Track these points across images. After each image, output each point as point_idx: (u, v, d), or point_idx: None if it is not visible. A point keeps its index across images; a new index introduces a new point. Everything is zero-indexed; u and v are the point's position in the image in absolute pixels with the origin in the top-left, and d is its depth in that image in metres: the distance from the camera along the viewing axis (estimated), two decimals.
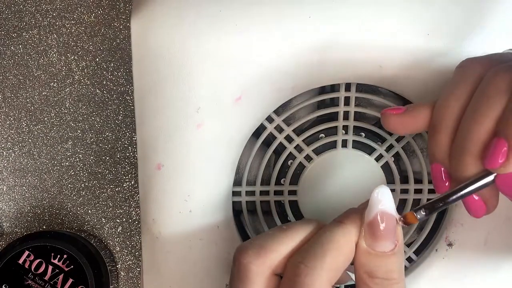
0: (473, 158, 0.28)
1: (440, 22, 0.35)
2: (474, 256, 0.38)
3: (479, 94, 0.29)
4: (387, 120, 0.32)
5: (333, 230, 0.30)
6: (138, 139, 0.37)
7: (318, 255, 0.28)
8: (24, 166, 0.52)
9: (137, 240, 0.52)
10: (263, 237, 0.30)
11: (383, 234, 0.29)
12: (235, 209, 0.40)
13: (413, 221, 0.29)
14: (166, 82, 0.35)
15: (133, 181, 0.52)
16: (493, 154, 0.27)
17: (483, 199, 0.30)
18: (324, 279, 0.28)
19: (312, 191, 0.39)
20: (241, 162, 0.40)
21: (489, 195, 0.30)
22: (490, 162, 0.27)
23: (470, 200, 0.30)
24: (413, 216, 0.29)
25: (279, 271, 0.30)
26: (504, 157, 0.27)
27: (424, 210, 0.29)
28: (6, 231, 0.52)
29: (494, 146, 0.27)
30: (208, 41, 0.35)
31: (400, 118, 0.32)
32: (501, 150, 0.27)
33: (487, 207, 0.30)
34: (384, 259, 0.29)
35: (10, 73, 0.52)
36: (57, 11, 0.52)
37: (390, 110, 0.32)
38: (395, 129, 0.33)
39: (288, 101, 0.38)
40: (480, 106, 0.28)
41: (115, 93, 0.52)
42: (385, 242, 0.29)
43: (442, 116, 0.30)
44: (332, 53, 0.35)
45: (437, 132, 0.30)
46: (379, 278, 0.29)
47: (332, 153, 0.39)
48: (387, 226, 0.29)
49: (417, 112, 0.32)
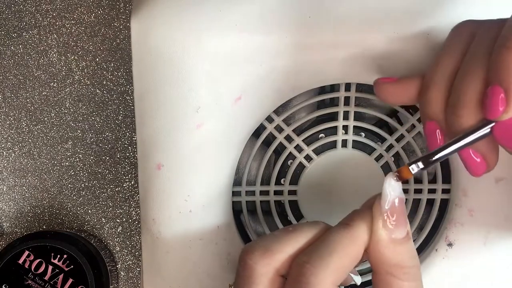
0: (469, 110, 0.28)
1: (440, 22, 0.35)
2: (474, 256, 0.38)
3: (472, 49, 0.29)
4: (380, 88, 0.33)
5: (339, 232, 0.29)
6: (138, 139, 0.37)
7: (325, 255, 0.28)
8: (24, 166, 0.52)
9: (137, 240, 0.52)
10: (269, 238, 0.30)
11: (402, 219, 0.29)
12: (235, 209, 0.40)
13: (408, 175, 0.29)
14: (166, 82, 0.35)
15: (133, 181, 0.52)
16: (492, 103, 0.26)
17: (482, 154, 0.29)
18: (329, 280, 0.28)
19: (312, 191, 0.39)
20: (241, 162, 0.40)
21: (488, 149, 0.29)
22: (491, 112, 0.27)
23: (469, 157, 0.29)
24: (408, 170, 0.29)
25: (284, 272, 0.30)
26: (504, 104, 0.26)
27: (418, 163, 0.29)
28: (6, 231, 0.52)
29: (491, 94, 0.26)
30: (208, 41, 0.35)
31: (393, 86, 0.32)
32: (498, 97, 0.26)
33: (487, 163, 0.29)
34: (405, 246, 0.29)
35: (10, 73, 0.52)
36: (57, 11, 0.52)
37: (383, 79, 0.33)
38: (387, 98, 0.33)
39: (288, 101, 0.38)
40: (474, 59, 0.28)
41: (115, 93, 0.52)
42: (403, 227, 0.29)
43: (435, 73, 0.30)
44: (332, 53, 0.35)
45: (430, 89, 0.30)
46: (407, 267, 0.29)
47: (332, 153, 0.39)
48: (402, 211, 0.29)
49: (410, 81, 0.32)
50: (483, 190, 0.37)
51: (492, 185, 0.37)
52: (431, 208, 0.40)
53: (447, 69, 0.30)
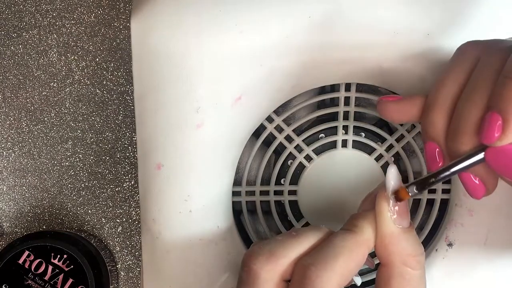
0: (469, 137, 0.28)
1: (440, 22, 0.35)
2: (474, 256, 0.38)
3: (476, 75, 0.29)
4: (384, 107, 0.33)
5: (344, 236, 0.30)
6: (138, 139, 0.37)
7: (330, 258, 0.28)
8: (24, 166, 0.52)
9: (137, 240, 0.52)
10: (273, 243, 0.30)
11: (405, 209, 0.30)
12: (235, 209, 0.40)
13: (405, 196, 0.30)
14: (166, 82, 0.35)
15: (133, 181, 0.52)
16: (489, 129, 0.27)
17: (481, 179, 0.29)
18: (335, 283, 0.28)
19: (312, 191, 0.39)
20: (241, 162, 0.40)
21: (486, 174, 0.29)
22: (487, 137, 0.27)
23: (469, 180, 0.30)
24: (405, 192, 0.30)
25: (288, 277, 0.30)
26: (499, 131, 0.26)
27: (416, 186, 0.30)
28: (6, 231, 0.52)
29: (489, 120, 0.27)
30: (208, 41, 0.35)
31: (397, 105, 0.32)
32: (496, 124, 0.26)
33: (486, 187, 0.30)
34: (412, 234, 0.30)
35: (10, 73, 0.52)
36: (57, 11, 0.52)
37: (387, 97, 0.33)
38: (391, 116, 0.33)
39: (288, 101, 0.38)
40: (476, 87, 0.28)
41: (115, 93, 0.52)
42: (408, 216, 0.30)
43: (438, 95, 0.30)
44: (332, 53, 0.35)
45: (432, 110, 0.30)
46: (419, 254, 0.30)
47: (332, 153, 0.39)
48: (405, 201, 0.30)
49: (413, 100, 0.32)
50: None
51: None
52: (431, 208, 0.40)
53: (450, 92, 0.30)
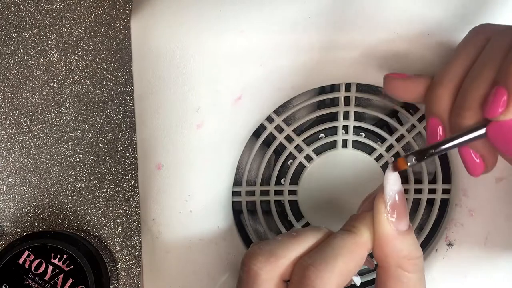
0: (473, 111, 0.28)
1: (440, 22, 0.35)
2: (474, 256, 0.38)
3: (485, 53, 0.29)
4: (390, 84, 0.33)
5: (343, 237, 0.30)
6: (138, 139, 0.37)
7: (329, 258, 0.28)
8: (24, 166, 0.52)
9: (137, 240, 0.52)
10: (273, 243, 0.30)
11: (404, 211, 0.30)
12: (235, 209, 0.40)
13: (404, 166, 0.29)
14: (166, 82, 0.35)
15: (133, 181, 0.52)
16: (493, 103, 0.27)
17: (481, 155, 0.29)
18: (334, 283, 0.28)
19: (312, 191, 0.39)
20: (241, 162, 0.40)
21: (486, 150, 0.29)
22: (491, 111, 0.27)
23: (469, 157, 0.30)
24: (404, 162, 0.29)
25: (287, 277, 0.30)
26: (504, 106, 0.26)
27: (415, 156, 0.29)
28: (6, 231, 0.52)
29: (494, 95, 0.27)
30: (208, 41, 0.35)
31: (404, 82, 0.32)
32: (501, 98, 0.27)
33: (485, 164, 0.30)
34: (409, 237, 0.30)
35: (10, 73, 0.52)
36: (57, 11, 0.52)
37: (393, 74, 0.33)
38: (397, 93, 0.33)
39: (288, 101, 0.38)
40: (485, 64, 0.28)
41: (115, 93, 0.52)
42: (406, 219, 0.30)
43: (446, 72, 0.30)
44: (332, 53, 0.35)
45: (438, 86, 0.30)
46: (415, 257, 0.30)
47: (332, 153, 0.39)
48: (403, 203, 0.30)
49: (419, 78, 0.32)
50: (483, 190, 0.37)
51: (492, 185, 0.37)
52: (431, 208, 0.40)
53: (458, 70, 0.30)
